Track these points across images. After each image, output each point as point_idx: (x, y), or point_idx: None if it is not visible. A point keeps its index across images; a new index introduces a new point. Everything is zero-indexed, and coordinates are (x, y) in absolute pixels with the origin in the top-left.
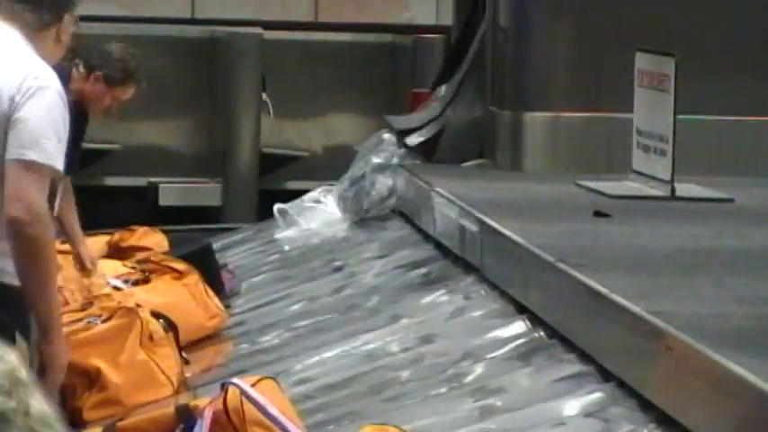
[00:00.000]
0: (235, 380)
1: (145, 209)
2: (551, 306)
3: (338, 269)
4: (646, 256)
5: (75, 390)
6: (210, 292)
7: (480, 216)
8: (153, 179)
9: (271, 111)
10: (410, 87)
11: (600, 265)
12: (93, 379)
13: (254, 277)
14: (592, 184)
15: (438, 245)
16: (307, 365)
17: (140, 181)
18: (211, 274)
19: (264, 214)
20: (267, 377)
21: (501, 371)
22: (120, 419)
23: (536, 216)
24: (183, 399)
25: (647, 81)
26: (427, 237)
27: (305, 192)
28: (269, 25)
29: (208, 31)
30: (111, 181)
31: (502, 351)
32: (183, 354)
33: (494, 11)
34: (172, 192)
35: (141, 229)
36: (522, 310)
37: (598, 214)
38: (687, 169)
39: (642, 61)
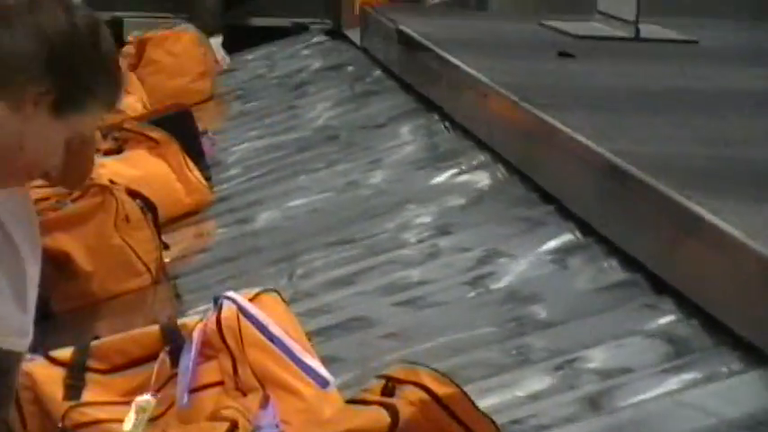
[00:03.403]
0: (230, 293)
1: None
2: (514, 144)
3: (333, 137)
4: (609, 96)
5: (42, 278)
6: (191, 164)
7: (444, 54)
8: (117, 13)
9: None
10: None
11: (563, 104)
12: (61, 265)
13: (236, 145)
14: (556, 24)
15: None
16: (304, 257)
17: (104, 15)
18: (190, 141)
19: (229, 50)
20: (268, 289)
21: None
22: (95, 338)
23: (500, 55)
24: (163, 290)
25: None
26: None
27: (269, 28)
28: None
29: None
30: None
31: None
32: (163, 238)
33: None
34: (136, 26)
35: None
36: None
37: (562, 54)
38: (652, 10)
39: None
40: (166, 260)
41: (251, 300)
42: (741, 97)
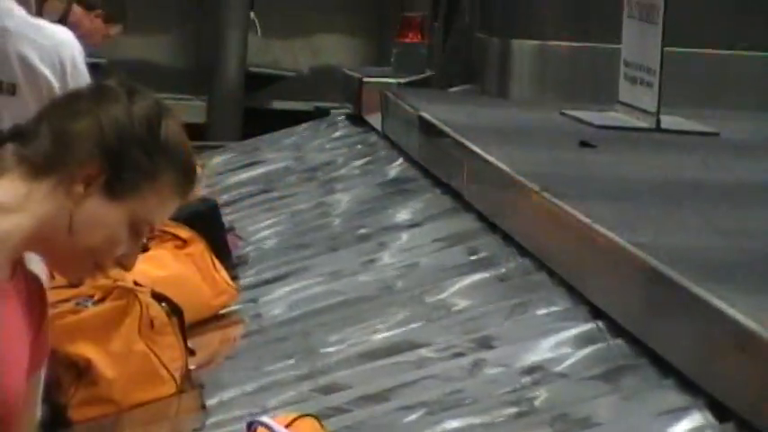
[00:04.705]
0: (264, 419)
1: None
2: (535, 234)
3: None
4: (630, 186)
5: (59, 383)
6: (218, 264)
7: (465, 142)
8: None
9: (258, 29)
10: (398, 10)
11: (584, 194)
12: (81, 371)
13: (264, 241)
14: (577, 114)
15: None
16: (337, 367)
17: None
18: (217, 239)
19: (249, 133)
20: (306, 415)
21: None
22: None
23: (521, 144)
24: (188, 399)
25: (636, 12)
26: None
27: (290, 112)
28: None
29: None
30: None
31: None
32: (189, 343)
33: None
34: None
35: None
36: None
37: (583, 144)
38: (673, 102)
39: None
40: (191, 367)
41: (287, 426)
42: (763, 190)
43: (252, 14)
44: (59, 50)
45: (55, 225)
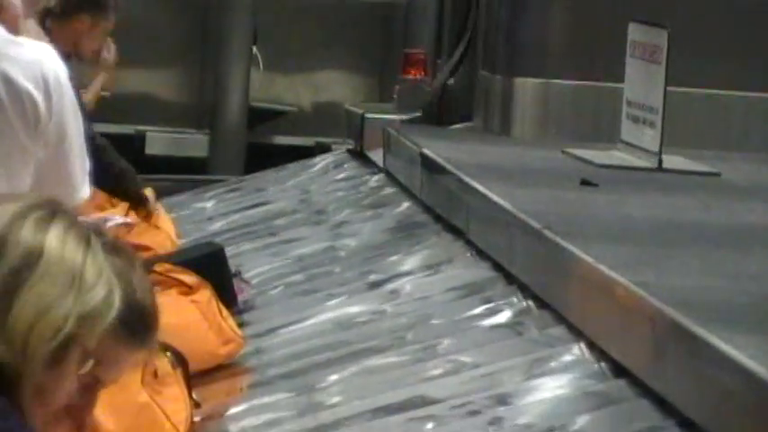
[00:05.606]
0: None
1: (130, 157)
2: (536, 273)
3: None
4: (632, 226)
5: None
6: (225, 312)
7: (467, 179)
8: (140, 127)
9: (261, 64)
10: (402, 47)
11: (586, 234)
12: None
13: (271, 288)
14: (579, 153)
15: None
16: (344, 421)
17: (127, 129)
18: (223, 284)
19: (251, 168)
20: None
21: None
22: None
23: (523, 182)
24: None
25: (639, 52)
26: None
27: (292, 147)
28: None
29: None
30: (98, 127)
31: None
32: (194, 394)
33: None
34: (159, 141)
35: (141, 225)
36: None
37: (585, 183)
38: (675, 141)
39: (635, 32)
40: (197, 419)
41: None
42: (764, 231)
43: (254, 49)
44: (42, 66)
45: None
